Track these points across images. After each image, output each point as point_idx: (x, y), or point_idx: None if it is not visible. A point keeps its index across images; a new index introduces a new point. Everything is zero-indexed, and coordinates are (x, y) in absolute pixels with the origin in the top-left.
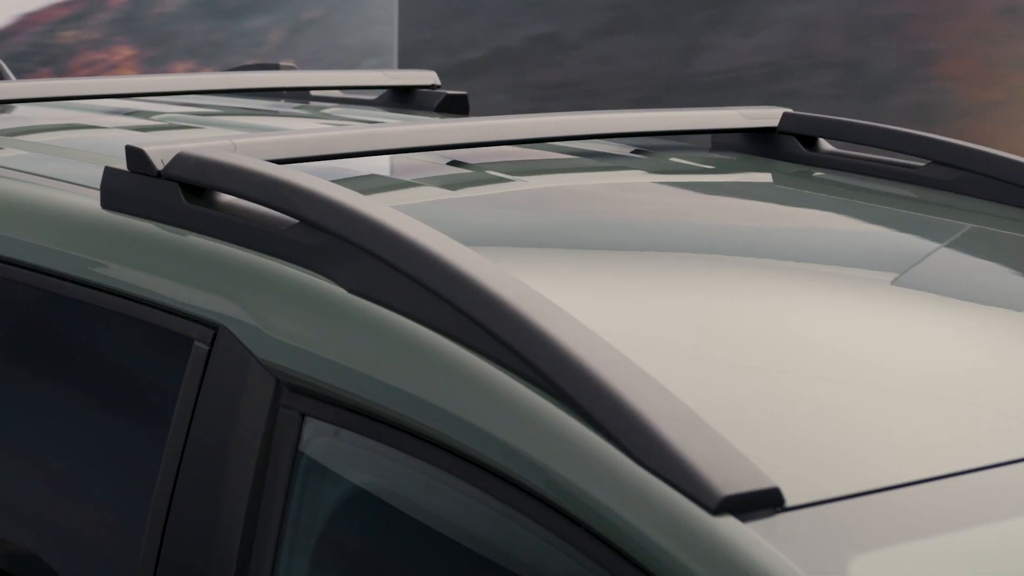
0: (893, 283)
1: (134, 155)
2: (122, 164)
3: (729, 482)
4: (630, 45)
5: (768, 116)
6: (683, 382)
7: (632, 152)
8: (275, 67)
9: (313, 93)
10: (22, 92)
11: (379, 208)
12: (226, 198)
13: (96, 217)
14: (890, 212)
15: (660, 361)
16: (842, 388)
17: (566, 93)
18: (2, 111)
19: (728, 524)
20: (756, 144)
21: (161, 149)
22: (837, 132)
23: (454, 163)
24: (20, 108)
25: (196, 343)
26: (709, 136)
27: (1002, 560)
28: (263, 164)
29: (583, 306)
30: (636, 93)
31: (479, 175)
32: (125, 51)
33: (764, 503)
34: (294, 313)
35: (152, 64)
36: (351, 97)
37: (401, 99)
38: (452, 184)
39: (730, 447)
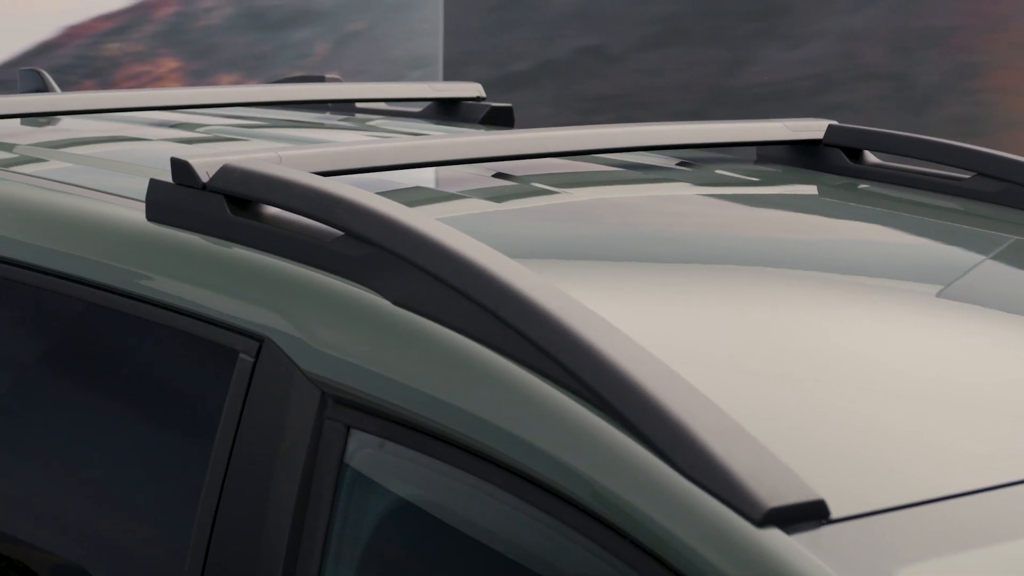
0: (938, 296)
1: (179, 167)
2: (167, 176)
3: (774, 494)
4: (676, 57)
5: (813, 128)
6: (728, 394)
7: (677, 164)
8: (320, 79)
9: (358, 105)
10: (67, 104)
11: (424, 220)
12: (271, 210)
13: (141, 229)
14: (935, 224)
15: (705, 373)
16: (887, 400)
17: (612, 105)
18: (47, 123)
19: (773, 536)
20: (801, 156)
21: (206, 161)
22: (882, 144)
23: (499, 175)
24: (65, 120)
25: (241, 355)
26: (754, 148)
27: None
28: (308, 176)
29: (628, 318)
30: (682, 105)
31: (524, 187)
32: (170, 63)
33: (809, 515)
34: (339, 325)
35: (197, 76)
36: (396, 109)
37: (446, 111)
38: (497, 196)
39: (775, 459)
